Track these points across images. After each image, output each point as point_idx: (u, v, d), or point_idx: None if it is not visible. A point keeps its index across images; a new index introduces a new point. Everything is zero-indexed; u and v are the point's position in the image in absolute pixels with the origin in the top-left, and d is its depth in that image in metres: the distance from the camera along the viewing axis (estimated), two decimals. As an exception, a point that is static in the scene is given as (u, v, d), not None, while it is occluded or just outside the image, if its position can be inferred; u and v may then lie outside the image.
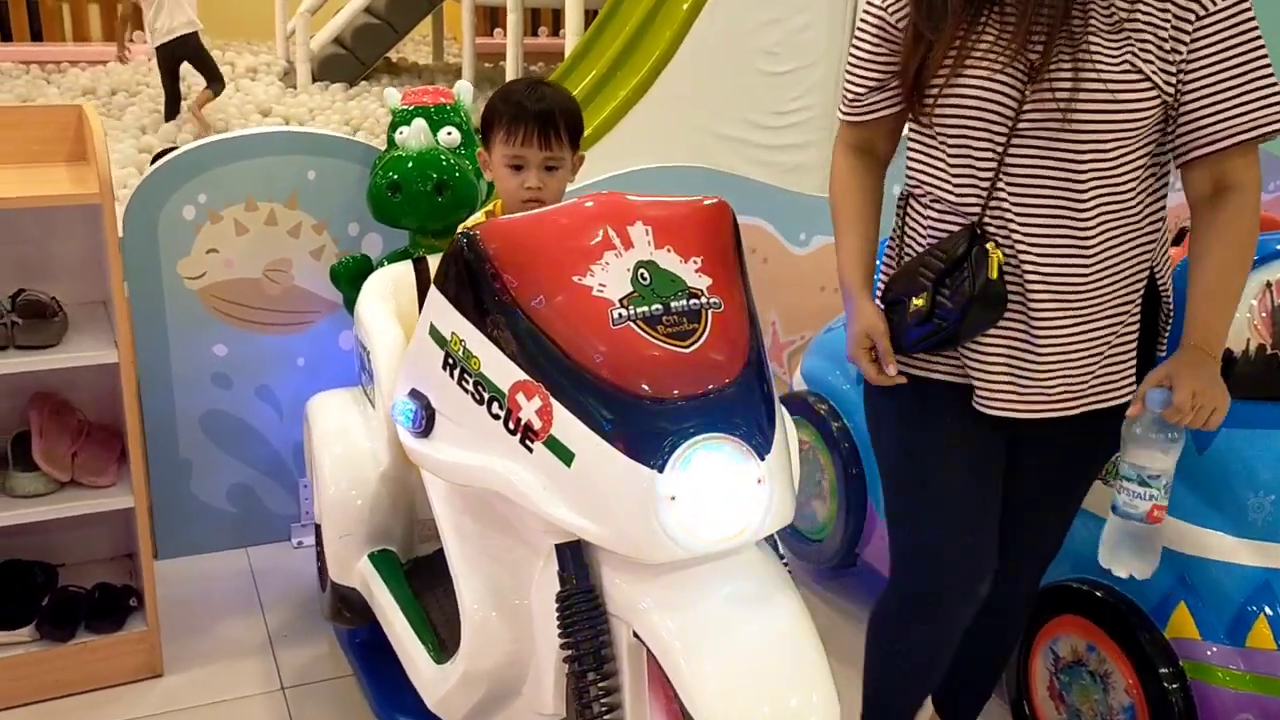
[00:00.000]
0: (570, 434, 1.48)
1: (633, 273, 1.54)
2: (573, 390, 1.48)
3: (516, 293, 1.53)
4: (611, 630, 1.58)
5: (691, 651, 1.46)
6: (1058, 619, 2.04)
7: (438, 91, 2.50)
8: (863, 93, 1.71)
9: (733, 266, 1.63)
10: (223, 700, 2.28)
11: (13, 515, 2.17)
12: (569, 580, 1.57)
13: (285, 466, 2.80)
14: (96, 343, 2.20)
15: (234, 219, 2.59)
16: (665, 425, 1.46)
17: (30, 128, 2.30)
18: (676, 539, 1.46)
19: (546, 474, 1.50)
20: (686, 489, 1.45)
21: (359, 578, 2.15)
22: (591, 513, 1.48)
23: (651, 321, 1.51)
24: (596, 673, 1.56)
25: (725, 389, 1.51)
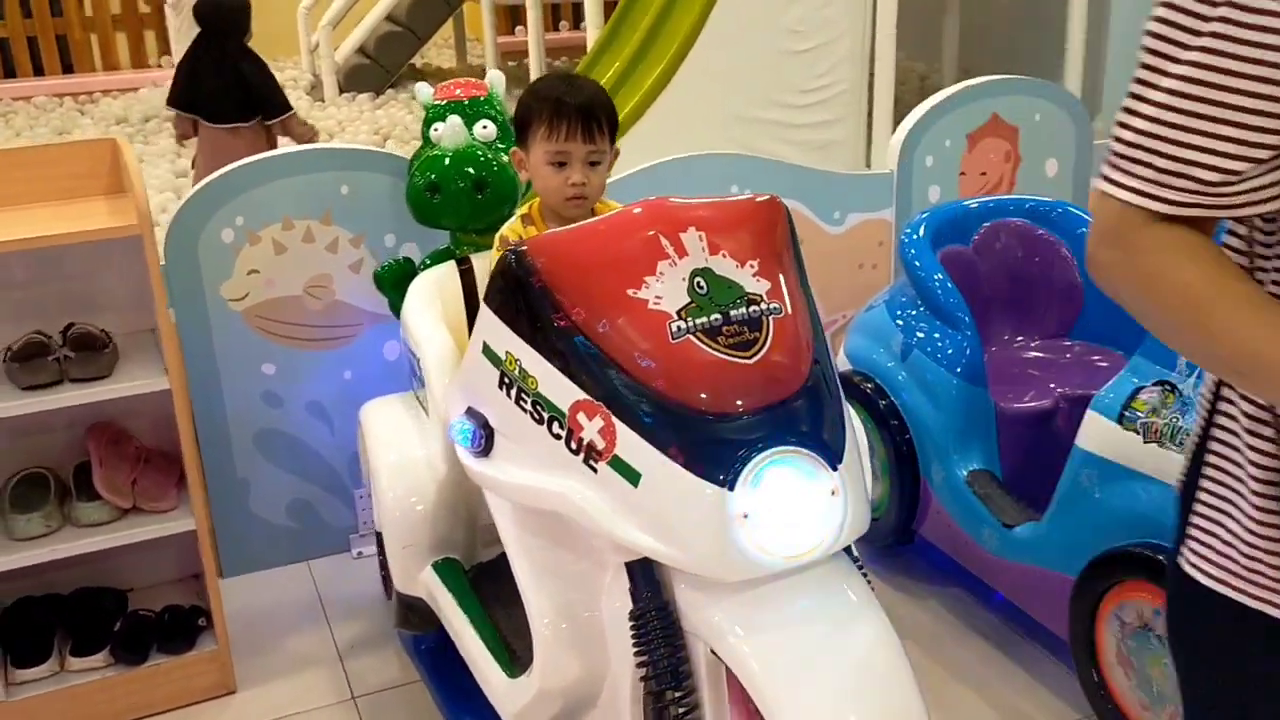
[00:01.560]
0: (635, 454, 1.46)
1: (689, 282, 1.51)
2: (635, 408, 1.46)
3: (570, 310, 1.51)
4: (688, 646, 1.55)
5: (774, 672, 1.43)
6: (1122, 584, 2.02)
7: (470, 84, 2.44)
8: (1241, 170, 0.91)
9: (790, 266, 1.60)
10: (297, 713, 2.32)
11: (80, 544, 2.22)
12: (641, 597, 1.55)
13: (340, 479, 2.83)
14: (147, 371, 2.24)
15: (272, 239, 2.62)
16: (733, 441, 1.44)
17: (66, 164, 2.34)
18: (750, 557, 1.43)
19: (613, 495, 1.48)
20: (758, 506, 1.42)
21: (424, 588, 2.15)
22: (661, 533, 1.46)
23: (711, 333, 1.48)
24: (675, 690, 1.54)
25: (792, 398, 1.48)
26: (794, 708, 1.41)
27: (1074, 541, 2.13)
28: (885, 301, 2.70)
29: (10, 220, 2.20)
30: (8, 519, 2.23)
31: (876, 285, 3.08)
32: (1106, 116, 5.60)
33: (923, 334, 2.52)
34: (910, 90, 6.54)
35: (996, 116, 3.22)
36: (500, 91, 2.46)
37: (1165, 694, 1.97)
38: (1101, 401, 2.07)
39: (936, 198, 3.20)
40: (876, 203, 3.16)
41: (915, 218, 2.69)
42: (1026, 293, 2.77)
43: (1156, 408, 1.98)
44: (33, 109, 8.06)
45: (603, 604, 1.68)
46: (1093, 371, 2.58)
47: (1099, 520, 2.07)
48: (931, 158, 3.17)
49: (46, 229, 2.12)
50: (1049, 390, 2.55)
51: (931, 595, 2.61)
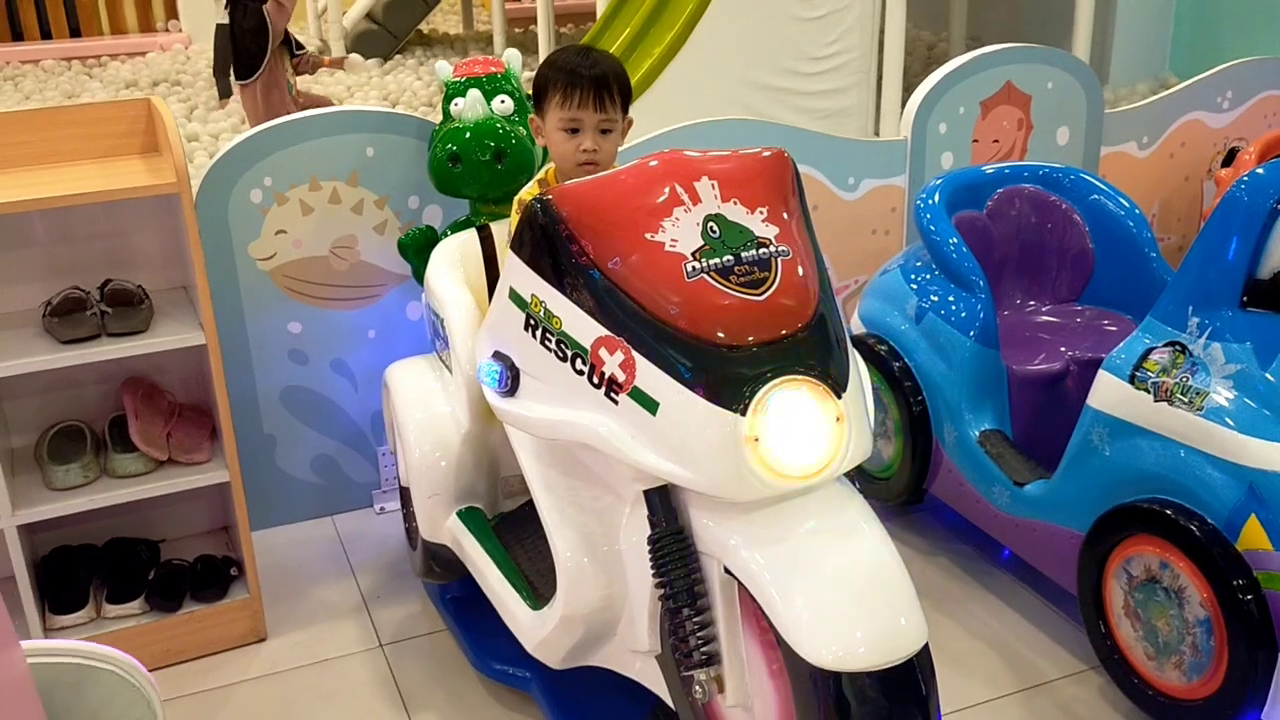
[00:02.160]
0: (654, 385, 1.55)
1: (702, 226, 1.60)
2: (653, 343, 1.55)
3: (592, 253, 1.60)
4: (703, 567, 1.65)
5: (783, 583, 1.53)
6: (1130, 539, 2.08)
7: (488, 61, 2.54)
8: None
9: (796, 214, 1.69)
10: (326, 659, 2.39)
11: (117, 495, 2.28)
12: (659, 523, 1.65)
13: (364, 436, 2.90)
14: (182, 326, 2.29)
15: (299, 200, 2.67)
16: (744, 371, 1.53)
17: (102, 123, 2.38)
18: (761, 478, 1.53)
19: (633, 424, 1.57)
20: (769, 430, 1.52)
21: (449, 535, 2.24)
22: (679, 458, 1.55)
23: (724, 272, 1.57)
24: (691, 609, 1.64)
25: (799, 332, 1.57)
26: (801, 615, 1.51)
27: (1084, 498, 2.20)
28: (899, 266, 2.75)
29: (50, 178, 2.24)
30: (47, 470, 2.30)
31: (889, 251, 3.14)
32: (1114, 85, 5.63)
33: (937, 297, 2.58)
34: (918, 59, 6.56)
35: (1010, 84, 3.26)
36: (517, 68, 2.54)
37: (1170, 644, 2.04)
38: (1113, 361, 2.13)
39: (949, 164, 3.25)
40: (890, 169, 3.21)
41: (930, 183, 2.74)
42: (1038, 258, 2.82)
43: (1167, 368, 2.04)
44: (41, 72, 8.06)
45: (621, 537, 1.79)
46: (1102, 335, 2.64)
47: (1109, 477, 2.14)
48: (945, 125, 3.22)
49: (86, 186, 2.17)
50: (1059, 353, 2.61)
51: (942, 553, 2.68)
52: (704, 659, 1.65)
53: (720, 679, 1.67)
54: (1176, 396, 2.01)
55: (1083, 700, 2.21)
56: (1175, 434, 2.01)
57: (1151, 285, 2.56)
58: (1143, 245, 2.66)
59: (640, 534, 1.70)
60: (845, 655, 1.49)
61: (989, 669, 2.31)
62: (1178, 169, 3.71)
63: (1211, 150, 3.74)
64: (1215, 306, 2.00)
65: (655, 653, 1.81)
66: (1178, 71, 5.73)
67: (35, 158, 2.32)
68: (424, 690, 2.29)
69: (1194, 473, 1.98)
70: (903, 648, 1.52)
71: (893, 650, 1.51)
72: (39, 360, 2.17)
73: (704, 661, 1.65)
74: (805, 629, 1.50)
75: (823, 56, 4.67)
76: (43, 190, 2.15)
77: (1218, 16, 5.75)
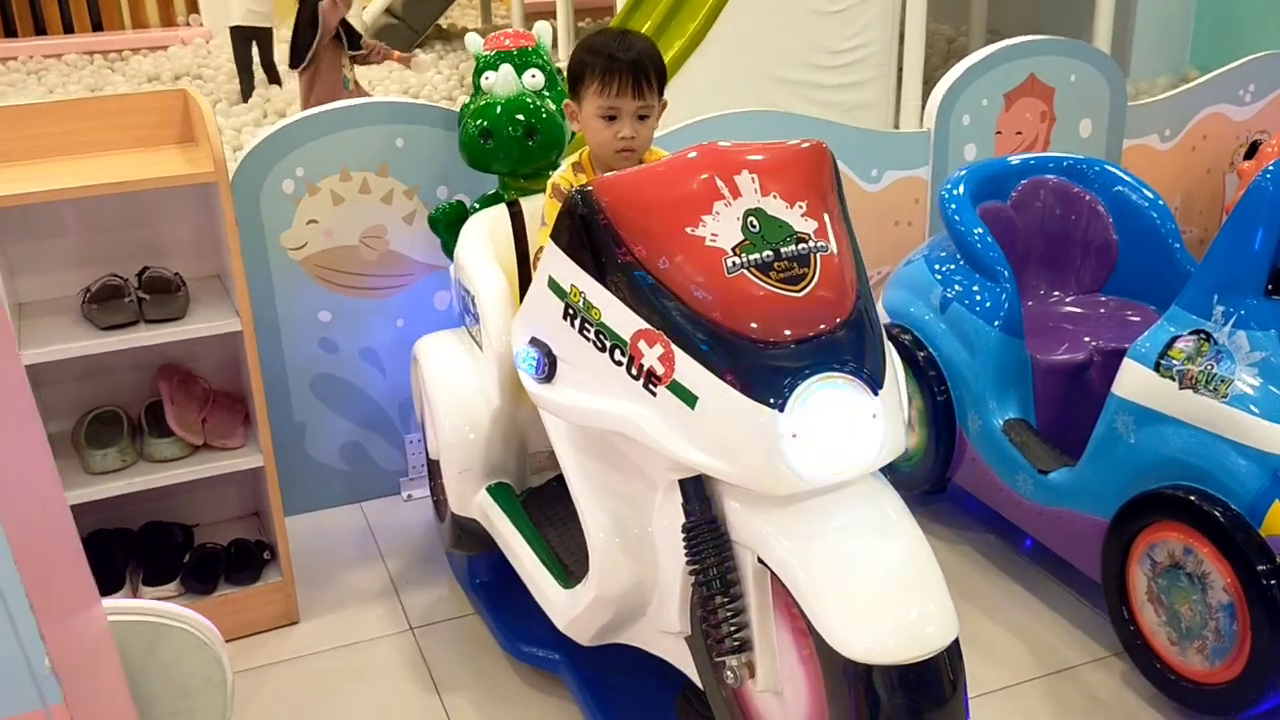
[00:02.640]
0: (692, 378, 1.56)
1: (742, 221, 1.61)
2: (693, 337, 1.56)
3: (632, 246, 1.60)
4: (736, 556, 1.67)
5: (816, 576, 1.54)
6: (1153, 525, 2.10)
7: (518, 35, 2.52)
8: None
9: (835, 207, 1.69)
10: (357, 642, 2.43)
11: (154, 478, 2.32)
12: (693, 512, 1.66)
13: (391, 424, 2.93)
14: (218, 314, 2.33)
15: (330, 190, 2.70)
16: (784, 367, 1.54)
17: (139, 114, 2.42)
18: (798, 473, 1.54)
19: (671, 416, 1.59)
20: (806, 426, 1.53)
21: (478, 509, 2.26)
22: (716, 451, 1.56)
23: (763, 268, 1.58)
24: (724, 596, 1.66)
25: (837, 329, 1.58)
26: (834, 608, 1.53)
27: (1108, 485, 2.22)
28: (924, 256, 2.77)
29: (88, 167, 2.28)
30: (84, 454, 2.34)
31: (912, 242, 3.16)
32: (1135, 78, 5.63)
33: (961, 287, 2.60)
34: (937, 53, 6.57)
35: (1034, 77, 3.28)
36: (547, 42, 2.53)
37: (1193, 629, 2.06)
38: (1138, 350, 2.15)
39: (972, 156, 3.27)
40: (913, 161, 3.23)
41: (955, 174, 2.76)
42: (1062, 249, 2.84)
43: (1192, 355, 2.06)
44: (64, 66, 8.14)
45: (653, 521, 1.81)
46: (1126, 326, 2.65)
47: (1133, 464, 2.16)
48: (968, 116, 3.24)
49: (126, 175, 2.21)
50: (1083, 343, 2.63)
51: (965, 541, 2.70)
52: (736, 645, 1.67)
53: (752, 665, 1.69)
54: (1201, 384, 2.03)
55: (1106, 685, 2.24)
56: (1200, 421, 2.03)
57: (1175, 276, 2.57)
58: (1166, 236, 2.67)
59: (672, 518, 1.72)
60: (876, 648, 1.50)
61: (1012, 655, 2.33)
62: (1199, 162, 3.72)
63: (1233, 143, 3.75)
64: (1240, 295, 2.02)
65: (685, 634, 1.83)
66: (1198, 65, 5.72)
67: (74, 147, 2.36)
68: (454, 672, 2.32)
69: (1218, 459, 2.00)
70: (933, 642, 1.53)
71: (923, 644, 1.52)
72: (79, 346, 2.21)
73: (736, 648, 1.67)
74: (837, 621, 1.51)
75: (843, 50, 4.68)
76: (81, 179, 2.19)
77: (1238, 10, 5.75)
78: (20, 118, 2.34)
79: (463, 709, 2.22)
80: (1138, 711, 2.17)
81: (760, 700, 1.76)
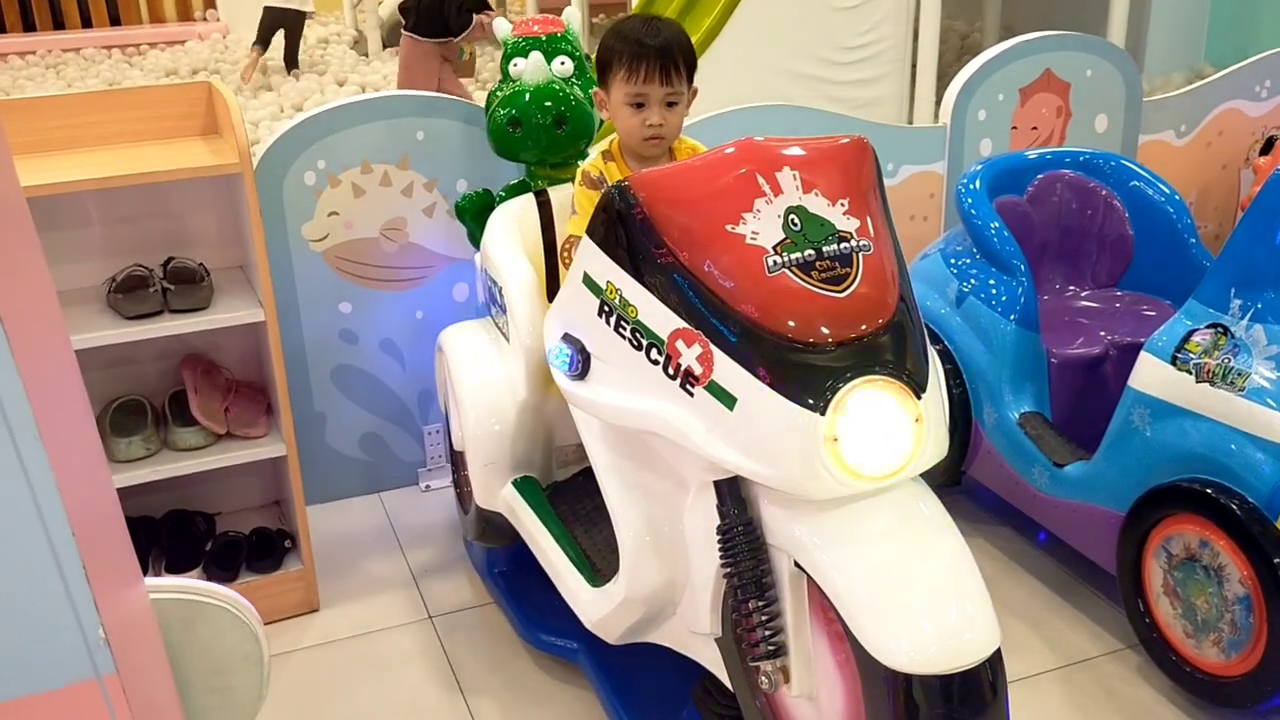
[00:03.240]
0: (731, 379, 1.53)
1: (783, 219, 1.57)
2: (732, 337, 1.53)
3: (671, 243, 1.57)
4: (771, 559, 1.65)
5: (856, 582, 1.52)
6: (1169, 518, 2.11)
7: (547, 20, 2.49)
8: None
9: (877, 205, 1.66)
10: (377, 630, 2.45)
11: (178, 467, 2.35)
12: (728, 514, 1.64)
13: (410, 415, 2.96)
14: (242, 304, 2.35)
15: (351, 182, 2.73)
16: (825, 369, 1.50)
17: (163, 105, 2.45)
18: (838, 478, 1.51)
19: (709, 417, 1.56)
20: (848, 430, 1.50)
21: (504, 503, 2.26)
22: (755, 454, 1.53)
23: (805, 267, 1.55)
24: (759, 600, 1.64)
25: (880, 330, 1.55)
26: (874, 616, 1.50)
27: (1124, 478, 2.23)
28: (940, 250, 2.78)
29: (114, 158, 2.31)
30: (109, 442, 2.36)
31: (928, 237, 3.17)
32: (1150, 73, 5.62)
33: (977, 281, 2.61)
34: (951, 49, 6.57)
35: (1050, 72, 3.29)
36: (576, 28, 2.50)
37: (1209, 622, 2.07)
38: (1155, 343, 2.16)
39: (988, 151, 3.28)
40: (929, 156, 3.24)
41: (972, 168, 2.77)
42: (1078, 243, 2.85)
43: (1209, 349, 2.07)
44: (82, 60, 8.19)
45: (685, 521, 1.79)
46: (1142, 320, 2.66)
47: (1149, 457, 2.17)
48: (984, 112, 3.24)
49: (151, 166, 2.23)
50: (1099, 338, 2.64)
51: (980, 535, 2.72)
52: (771, 650, 1.65)
53: (786, 670, 1.67)
54: (1218, 377, 2.04)
55: (1121, 678, 2.25)
56: (1216, 414, 2.04)
57: (1191, 271, 2.58)
58: (1182, 231, 2.68)
59: (704, 518, 1.70)
60: (918, 657, 1.48)
61: (1028, 647, 2.34)
62: (1215, 158, 3.72)
63: (1249, 139, 3.75)
64: (1258, 288, 2.03)
65: (716, 635, 1.81)
66: (1213, 61, 5.71)
67: (99, 139, 2.39)
68: (473, 660, 2.35)
69: (1235, 452, 2.01)
70: (975, 651, 1.50)
71: (965, 654, 1.49)
72: (105, 335, 2.24)
73: (771, 653, 1.65)
74: (878, 630, 1.49)
75: (857, 46, 4.69)
76: (107, 170, 2.21)
77: (1254, 6, 5.74)
78: (46, 109, 2.37)
79: (481, 698, 2.25)
80: (1153, 704, 2.18)
81: (795, 705, 1.74)
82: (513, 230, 2.28)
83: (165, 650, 1.05)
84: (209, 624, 1.10)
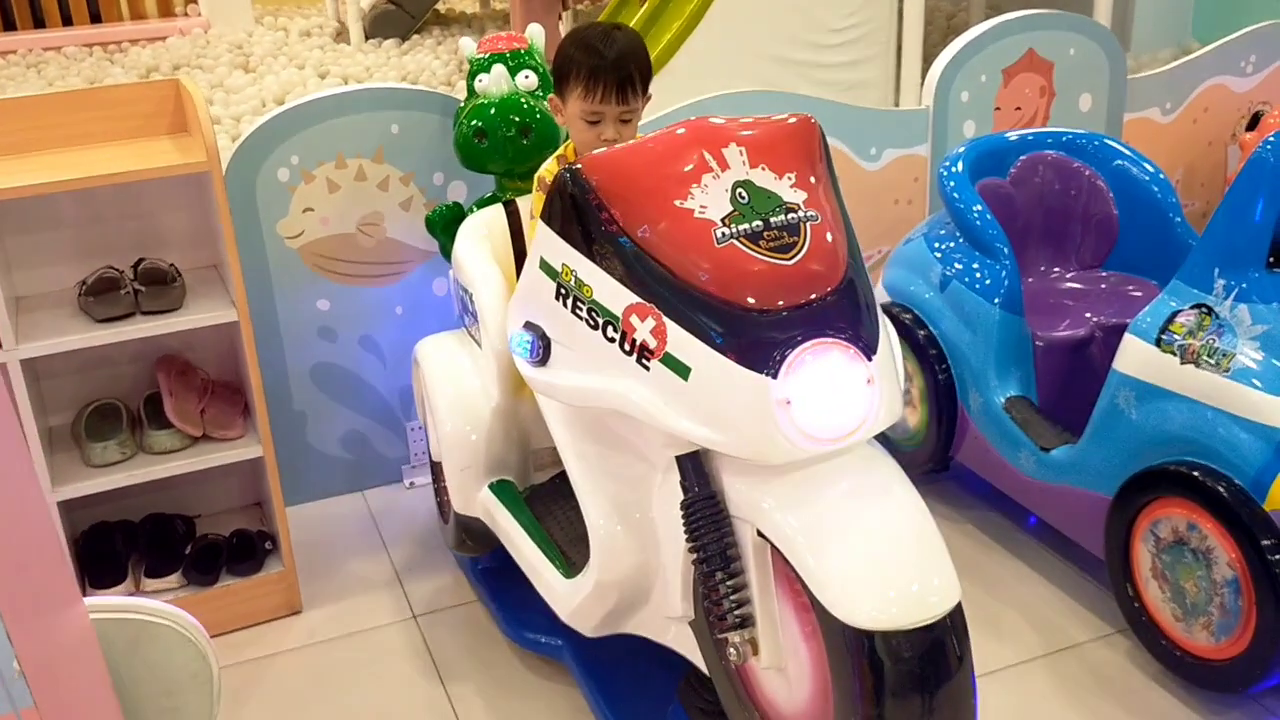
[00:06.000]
0: (685, 350, 1.56)
1: (731, 193, 1.61)
2: (684, 309, 1.56)
3: (622, 221, 1.61)
4: (735, 532, 1.67)
5: (816, 544, 1.54)
6: (1157, 501, 2.09)
7: (511, 37, 2.56)
8: None
9: (824, 179, 1.69)
10: (361, 630, 2.43)
11: (154, 470, 2.32)
12: (691, 488, 1.66)
13: (392, 411, 2.93)
14: (215, 304, 2.32)
15: (325, 177, 2.69)
16: (775, 334, 1.54)
17: (130, 104, 2.41)
18: (794, 440, 1.54)
19: (665, 389, 1.58)
20: (800, 393, 1.53)
21: (481, 508, 2.26)
22: (711, 422, 1.56)
23: (753, 238, 1.58)
24: (724, 572, 1.66)
25: (828, 296, 1.58)
26: (834, 575, 1.53)
27: (1111, 462, 2.21)
28: (923, 235, 2.75)
29: (82, 159, 2.27)
30: (84, 447, 2.34)
31: (912, 220, 3.14)
32: (1136, 51, 5.59)
33: (961, 265, 2.58)
34: (936, 30, 6.52)
35: (1032, 52, 3.25)
36: (539, 44, 2.56)
37: (1198, 605, 2.05)
38: (1139, 325, 2.14)
39: (971, 133, 3.24)
40: (912, 139, 3.20)
41: (953, 151, 2.74)
42: (1062, 224, 2.82)
43: (1193, 330, 2.04)
44: (63, 59, 8.10)
45: (654, 505, 1.80)
46: (1127, 301, 2.64)
47: (1136, 440, 2.15)
48: (967, 93, 3.21)
49: (118, 166, 2.19)
50: (1084, 320, 2.62)
51: (968, 520, 2.70)
52: (738, 621, 1.67)
53: (754, 641, 1.69)
54: (1203, 358, 2.01)
55: (1111, 662, 2.23)
56: (1202, 396, 2.02)
57: (1176, 250, 2.55)
58: (1167, 210, 2.65)
59: (673, 500, 1.71)
60: (879, 615, 1.50)
61: (1017, 633, 2.32)
62: (1201, 134, 3.69)
63: (1235, 115, 3.72)
64: (1242, 268, 2.00)
65: (689, 619, 1.82)
66: (1200, 37, 5.67)
67: (66, 140, 2.35)
68: (458, 659, 2.32)
69: (1221, 434, 1.99)
70: (936, 606, 1.53)
71: (926, 609, 1.52)
72: (76, 339, 2.21)
73: (738, 624, 1.67)
74: (838, 589, 1.52)
75: (842, 29, 4.65)
76: (75, 171, 2.18)
77: (1241, -19, 5.69)
78: (13, 111, 2.33)
79: (467, 696, 2.22)
80: (1143, 688, 2.16)
81: (764, 677, 1.77)
82: (482, 240, 2.30)
83: (109, 673, 1.02)
84: (156, 643, 1.07)
